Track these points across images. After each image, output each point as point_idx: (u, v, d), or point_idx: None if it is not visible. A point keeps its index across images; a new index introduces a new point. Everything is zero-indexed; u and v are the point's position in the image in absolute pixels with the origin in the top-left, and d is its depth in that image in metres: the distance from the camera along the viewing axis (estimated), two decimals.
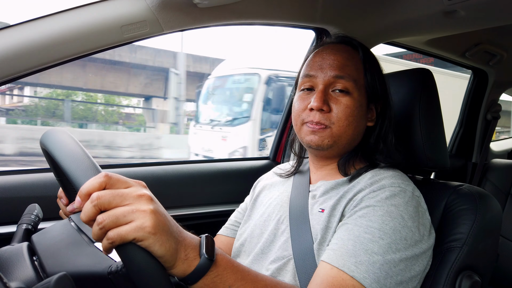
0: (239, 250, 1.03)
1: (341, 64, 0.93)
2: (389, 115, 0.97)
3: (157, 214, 0.54)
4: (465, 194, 0.96)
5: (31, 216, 0.94)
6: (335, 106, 0.91)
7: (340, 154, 0.97)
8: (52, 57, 0.97)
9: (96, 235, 0.53)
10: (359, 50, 0.98)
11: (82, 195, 0.53)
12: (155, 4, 1.04)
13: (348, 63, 0.94)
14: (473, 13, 1.38)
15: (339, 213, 0.85)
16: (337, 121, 0.90)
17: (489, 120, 2.51)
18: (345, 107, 0.90)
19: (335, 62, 0.93)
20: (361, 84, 0.94)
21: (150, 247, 0.53)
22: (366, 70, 0.96)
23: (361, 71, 0.95)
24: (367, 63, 0.97)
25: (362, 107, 0.94)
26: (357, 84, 0.93)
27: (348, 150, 0.97)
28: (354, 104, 0.91)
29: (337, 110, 0.90)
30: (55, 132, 0.68)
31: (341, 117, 0.90)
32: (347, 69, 0.93)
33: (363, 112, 0.95)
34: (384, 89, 0.97)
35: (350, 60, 0.95)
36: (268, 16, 1.36)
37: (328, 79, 0.93)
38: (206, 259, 0.58)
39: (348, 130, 0.91)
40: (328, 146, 0.92)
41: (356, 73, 0.94)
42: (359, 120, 0.93)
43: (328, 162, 0.99)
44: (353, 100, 0.91)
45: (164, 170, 1.57)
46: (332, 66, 0.93)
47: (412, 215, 0.79)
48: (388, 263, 0.73)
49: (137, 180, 0.58)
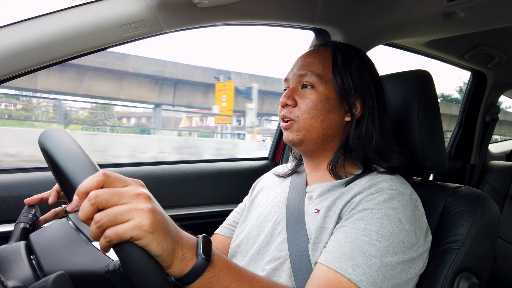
0: (235, 250, 1.03)
1: (307, 63, 0.99)
2: (371, 111, 0.95)
3: (155, 213, 0.54)
4: (463, 196, 0.96)
5: (28, 215, 0.94)
6: (300, 101, 0.96)
7: (320, 151, 0.98)
8: (50, 56, 0.97)
9: (93, 233, 0.52)
10: (330, 48, 1.00)
11: (80, 193, 0.53)
12: (154, 4, 1.04)
13: (315, 60, 0.98)
14: (472, 14, 1.39)
15: (336, 214, 0.85)
16: (301, 114, 0.95)
17: (488, 122, 2.51)
18: (308, 100, 0.95)
19: (303, 62, 1.00)
20: (328, 79, 0.96)
21: (147, 246, 0.52)
22: (335, 65, 0.97)
23: (329, 67, 0.97)
24: (339, 59, 0.97)
25: (329, 100, 0.95)
26: (322, 79, 0.96)
27: (328, 147, 0.98)
28: (318, 97, 0.94)
29: (302, 104, 0.95)
30: (53, 131, 0.68)
31: (304, 109, 0.95)
32: (312, 66, 0.97)
33: (332, 106, 0.95)
34: (361, 84, 0.96)
35: (317, 58, 0.99)
36: (268, 16, 1.36)
37: (294, 78, 0.99)
38: (203, 259, 0.58)
39: (314, 122, 0.94)
40: (299, 140, 0.96)
41: (321, 68, 0.97)
42: (327, 113, 0.94)
43: (317, 162, 1.00)
44: (317, 93, 0.95)
45: (162, 169, 1.57)
46: (300, 66, 0.99)
47: (409, 219, 0.79)
48: (385, 266, 0.73)
49: (135, 179, 0.58)
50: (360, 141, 0.94)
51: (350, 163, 0.97)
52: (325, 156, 0.99)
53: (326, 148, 0.98)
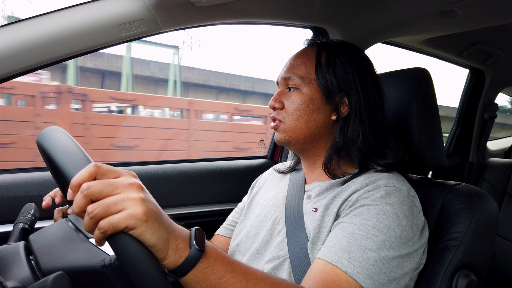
0: (235, 249, 1.03)
1: (292, 66, 1.00)
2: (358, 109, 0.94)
3: (148, 202, 0.54)
4: (462, 193, 0.96)
5: (27, 215, 0.94)
6: (286, 103, 0.99)
7: (311, 150, 0.99)
8: (49, 55, 0.97)
9: (87, 225, 0.52)
10: (315, 47, 1.00)
11: (73, 186, 0.53)
12: (152, 3, 1.04)
13: (299, 62, 1.00)
14: (470, 12, 1.39)
15: (334, 212, 0.85)
16: (287, 115, 0.98)
17: (486, 120, 2.52)
18: (292, 102, 0.97)
19: (288, 65, 1.02)
20: (311, 79, 0.97)
21: (142, 236, 0.52)
22: (318, 64, 0.97)
23: (312, 67, 0.97)
24: (323, 58, 0.97)
25: (313, 101, 0.96)
26: (305, 80, 0.97)
27: (317, 145, 0.98)
28: (302, 99, 0.96)
29: (288, 105, 0.98)
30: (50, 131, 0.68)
31: (289, 111, 0.97)
32: (296, 69, 0.99)
33: (316, 106, 0.95)
34: (345, 82, 0.95)
35: (301, 59, 1.00)
36: (266, 15, 1.36)
37: (281, 81, 1.02)
38: (196, 249, 0.58)
39: (299, 123, 0.96)
40: (286, 140, 0.98)
41: (305, 70, 0.98)
42: (311, 114, 0.95)
43: (312, 161, 1.01)
44: (301, 95, 0.96)
45: (161, 169, 1.57)
46: (286, 69, 1.01)
47: (406, 214, 0.80)
48: (381, 259, 0.73)
49: (127, 170, 0.58)
50: (346, 139, 0.94)
51: (345, 162, 0.97)
52: (318, 154, 1.00)
53: (316, 147, 0.99)
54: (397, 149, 0.95)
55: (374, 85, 0.98)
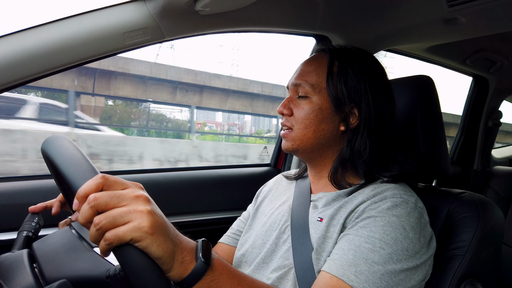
0: (240, 260, 1.02)
1: (303, 72, 0.99)
2: (367, 121, 0.93)
3: (154, 214, 0.54)
4: (467, 202, 0.95)
5: (31, 223, 0.94)
6: (295, 110, 0.97)
7: (318, 159, 0.99)
8: (53, 63, 0.97)
9: (93, 236, 0.52)
10: (327, 54, 0.99)
11: (79, 197, 0.53)
12: (156, 11, 1.05)
13: (310, 69, 0.98)
14: (473, 20, 1.39)
15: (339, 224, 0.84)
16: (296, 123, 0.96)
17: (490, 127, 2.51)
18: (302, 110, 0.96)
19: (300, 71, 1.00)
20: (322, 88, 0.95)
21: (147, 248, 0.52)
22: (330, 73, 0.95)
23: (324, 75, 0.96)
24: (336, 66, 0.96)
25: (322, 110, 0.94)
26: (315, 89, 0.95)
27: (325, 155, 0.98)
28: (311, 107, 0.95)
29: (296, 113, 0.97)
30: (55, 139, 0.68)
31: (298, 119, 0.96)
32: (307, 76, 0.97)
33: (325, 116, 0.94)
34: (357, 92, 0.93)
35: (313, 66, 0.98)
36: (269, 23, 1.36)
37: (292, 87, 1.00)
38: (202, 262, 0.57)
39: (307, 132, 0.95)
40: (293, 149, 0.98)
41: (316, 78, 0.96)
42: (320, 123, 0.94)
43: (318, 170, 1.00)
44: (310, 103, 0.95)
45: (164, 176, 1.57)
46: (297, 75, 1.00)
47: (413, 226, 0.78)
48: (388, 273, 0.72)
49: (134, 182, 0.58)
50: (353, 152, 0.93)
51: (351, 173, 0.96)
52: (325, 164, 0.99)
53: (323, 157, 0.98)
54: (404, 163, 0.94)
55: (386, 95, 0.96)
